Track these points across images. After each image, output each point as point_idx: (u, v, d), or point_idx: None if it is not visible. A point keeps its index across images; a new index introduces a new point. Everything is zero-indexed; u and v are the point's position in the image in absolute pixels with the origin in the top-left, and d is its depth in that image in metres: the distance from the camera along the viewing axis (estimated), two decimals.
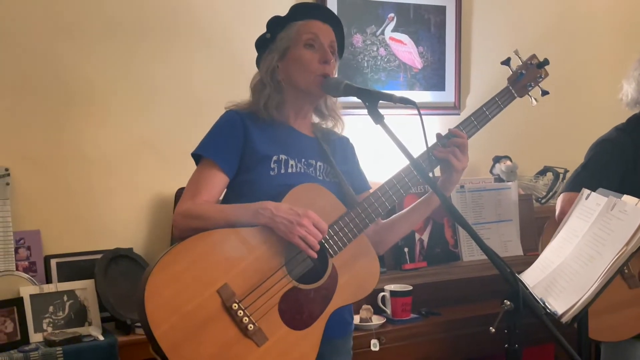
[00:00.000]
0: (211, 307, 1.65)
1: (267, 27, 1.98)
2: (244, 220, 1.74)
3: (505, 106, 2.07)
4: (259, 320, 1.69)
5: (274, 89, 1.92)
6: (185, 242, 1.68)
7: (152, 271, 1.62)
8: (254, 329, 1.68)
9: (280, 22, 1.97)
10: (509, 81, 2.09)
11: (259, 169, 1.86)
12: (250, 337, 1.68)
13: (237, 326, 1.67)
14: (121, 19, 2.83)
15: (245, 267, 1.71)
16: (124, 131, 2.86)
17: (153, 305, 1.60)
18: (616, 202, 2.09)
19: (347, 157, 2.08)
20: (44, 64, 2.71)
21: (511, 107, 3.67)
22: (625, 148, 2.49)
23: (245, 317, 1.67)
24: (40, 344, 2.41)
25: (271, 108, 1.91)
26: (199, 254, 1.68)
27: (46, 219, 2.72)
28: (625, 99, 2.60)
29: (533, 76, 2.11)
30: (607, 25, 3.95)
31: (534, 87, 2.13)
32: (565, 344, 1.58)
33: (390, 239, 2.06)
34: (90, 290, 2.60)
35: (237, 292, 1.68)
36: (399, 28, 3.37)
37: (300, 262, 1.78)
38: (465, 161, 1.96)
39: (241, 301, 1.68)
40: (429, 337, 2.66)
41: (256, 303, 1.70)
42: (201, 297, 1.65)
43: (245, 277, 1.70)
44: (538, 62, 2.11)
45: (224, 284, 1.67)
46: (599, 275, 1.95)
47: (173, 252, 1.66)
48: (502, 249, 3.13)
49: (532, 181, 3.56)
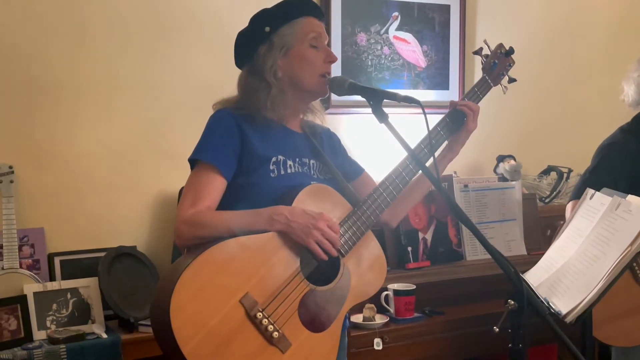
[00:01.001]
0: (235, 318, 1.64)
1: (262, 20, 1.90)
2: (258, 227, 1.72)
3: (483, 96, 2.12)
4: (282, 327, 1.69)
5: (279, 88, 1.87)
6: (204, 254, 1.64)
7: (175, 286, 1.59)
8: (279, 336, 1.67)
9: (279, 16, 1.90)
10: (484, 71, 2.13)
11: (259, 172, 1.83)
12: (275, 345, 1.67)
13: (262, 335, 1.66)
14: (121, 13, 2.83)
15: (264, 275, 1.69)
16: (127, 129, 2.86)
17: (180, 322, 1.57)
18: (621, 201, 2.08)
19: (335, 148, 2.07)
20: (45, 61, 2.71)
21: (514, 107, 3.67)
22: (632, 149, 2.49)
23: (270, 325, 1.66)
24: (44, 342, 2.42)
25: (277, 108, 1.86)
26: (220, 265, 1.65)
27: (50, 217, 2.73)
28: (627, 99, 2.60)
29: (503, 65, 2.15)
30: (611, 24, 3.94)
31: (505, 76, 2.16)
32: (569, 344, 1.57)
33: (403, 208, 2.08)
34: (94, 288, 2.60)
35: (259, 301, 1.67)
36: (403, 27, 3.37)
37: (308, 261, 1.77)
38: (475, 125, 2.03)
39: (264, 309, 1.67)
40: (432, 337, 2.65)
41: (278, 310, 1.69)
42: (225, 308, 1.63)
43: (265, 284, 1.69)
44: (505, 50, 2.16)
45: (246, 293, 1.66)
46: (603, 275, 1.95)
47: (194, 264, 1.62)
48: (505, 249, 3.12)
49: (536, 180, 3.55)
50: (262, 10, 1.93)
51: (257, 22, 1.91)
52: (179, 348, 1.56)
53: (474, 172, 3.52)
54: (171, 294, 1.57)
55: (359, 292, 1.84)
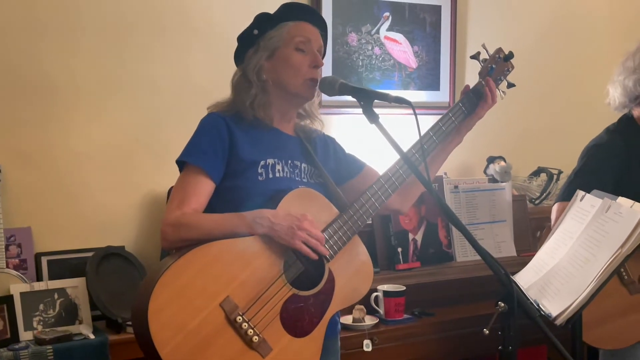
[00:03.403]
0: (215, 321, 1.63)
1: (255, 23, 1.93)
2: (241, 231, 1.71)
3: (479, 101, 2.08)
4: (263, 331, 1.68)
5: (261, 88, 1.88)
6: (186, 256, 1.64)
7: (154, 289, 1.58)
8: (259, 341, 1.67)
9: (270, 19, 1.92)
10: (481, 76, 2.11)
11: (247, 175, 1.83)
12: (255, 349, 1.66)
13: (241, 339, 1.66)
14: (112, 14, 2.81)
15: (246, 278, 1.69)
16: (117, 128, 2.84)
17: (158, 325, 1.56)
18: (611, 204, 2.08)
19: (329, 153, 2.06)
20: (33, 61, 2.69)
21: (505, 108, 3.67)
22: (618, 151, 2.48)
23: (250, 329, 1.66)
24: (31, 342, 2.39)
25: (257, 108, 1.87)
26: (200, 268, 1.65)
27: (37, 216, 2.70)
28: (613, 103, 2.58)
29: (501, 70, 2.13)
30: (601, 26, 3.95)
31: (503, 81, 2.15)
32: (559, 346, 1.57)
33: (416, 191, 2.10)
34: (82, 289, 2.58)
35: (239, 305, 1.66)
36: (394, 27, 3.36)
37: (291, 265, 1.77)
38: (493, 103, 2.07)
39: (244, 313, 1.66)
40: (422, 338, 2.65)
41: (259, 314, 1.68)
42: (205, 312, 1.62)
43: (247, 288, 1.68)
44: (504, 55, 2.14)
45: (226, 297, 1.65)
46: (593, 278, 1.95)
47: (174, 267, 1.62)
48: (495, 250, 3.13)
49: (526, 182, 3.56)
50: (260, 13, 1.95)
51: (251, 25, 1.94)
52: (156, 350, 1.55)
53: (464, 173, 3.52)
54: (150, 296, 1.57)
55: (343, 297, 1.83)
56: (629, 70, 2.52)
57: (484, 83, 2.04)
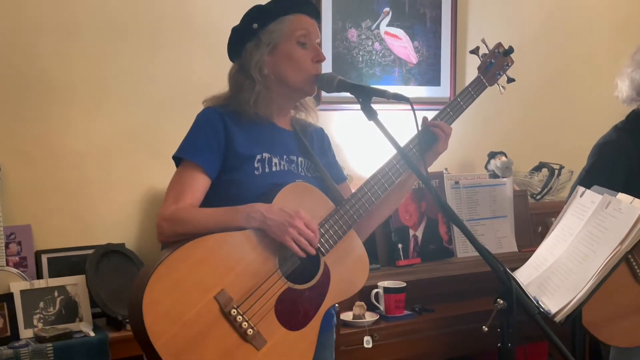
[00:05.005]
0: (210, 314, 1.63)
1: (252, 17, 1.90)
2: (235, 225, 1.72)
3: (477, 96, 2.07)
4: (258, 324, 1.68)
5: (264, 85, 1.86)
6: (181, 249, 1.65)
7: (149, 281, 1.58)
8: (253, 333, 1.67)
9: (268, 13, 1.89)
10: (480, 70, 2.10)
11: (244, 169, 1.83)
12: (249, 342, 1.67)
13: (236, 331, 1.66)
14: (110, 11, 2.80)
15: (241, 271, 1.69)
16: (116, 126, 2.83)
17: (152, 316, 1.57)
18: (611, 200, 2.08)
19: (324, 148, 2.06)
20: (31, 59, 2.68)
21: (506, 103, 3.66)
22: (628, 148, 2.48)
23: (244, 322, 1.66)
24: (31, 340, 2.39)
25: (260, 105, 1.86)
26: (196, 261, 1.65)
27: (37, 214, 2.70)
28: (620, 96, 2.60)
29: (501, 64, 2.12)
30: (602, 20, 3.94)
31: (502, 76, 2.13)
32: (558, 343, 1.57)
33: (370, 226, 2.04)
34: (82, 286, 2.58)
35: (234, 297, 1.66)
36: (394, 22, 3.35)
37: (288, 259, 1.77)
38: (445, 147, 1.98)
39: (239, 306, 1.67)
40: (422, 334, 2.65)
41: (254, 307, 1.68)
42: (200, 304, 1.63)
43: (242, 281, 1.69)
44: (504, 50, 2.12)
45: (221, 289, 1.65)
46: (593, 274, 1.94)
47: (169, 259, 1.63)
48: (496, 246, 3.12)
49: (527, 177, 3.55)
50: (254, 6, 1.92)
51: (247, 19, 1.91)
52: (151, 342, 1.56)
53: (465, 169, 3.51)
54: (145, 288, 1.58)
55: (338, 291, 1.83)
56: (637, 63, 2.52)
57: (428, 125, 1.97)
